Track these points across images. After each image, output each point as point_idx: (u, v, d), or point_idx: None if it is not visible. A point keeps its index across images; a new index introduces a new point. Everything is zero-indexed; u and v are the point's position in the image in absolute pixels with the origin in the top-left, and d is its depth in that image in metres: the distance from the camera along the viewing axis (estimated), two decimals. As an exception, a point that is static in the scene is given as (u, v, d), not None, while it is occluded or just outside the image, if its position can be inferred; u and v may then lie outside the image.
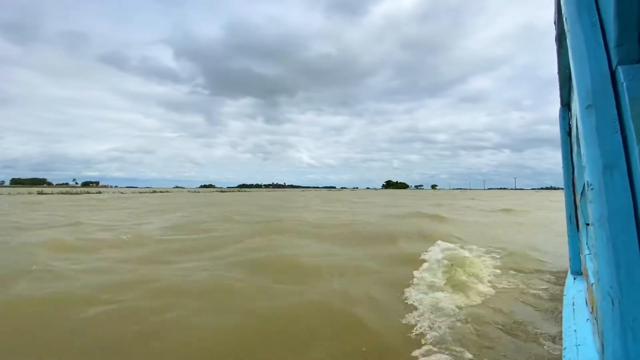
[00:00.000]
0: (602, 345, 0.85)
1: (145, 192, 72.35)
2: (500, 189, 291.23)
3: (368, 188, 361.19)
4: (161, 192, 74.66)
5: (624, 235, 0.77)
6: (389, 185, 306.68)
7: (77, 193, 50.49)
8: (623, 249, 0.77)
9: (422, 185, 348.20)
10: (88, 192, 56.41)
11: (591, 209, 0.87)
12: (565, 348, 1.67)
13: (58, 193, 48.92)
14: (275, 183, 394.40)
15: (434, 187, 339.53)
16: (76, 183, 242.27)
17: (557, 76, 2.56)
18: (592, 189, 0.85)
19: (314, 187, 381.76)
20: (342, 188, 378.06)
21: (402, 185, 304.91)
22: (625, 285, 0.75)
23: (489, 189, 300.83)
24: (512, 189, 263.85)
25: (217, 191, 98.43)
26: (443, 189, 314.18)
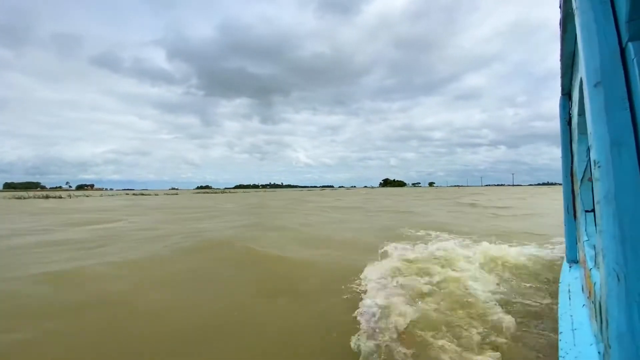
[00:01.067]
0: (606, 322, 0.86)
1: (115, 194, 70.92)
2: (498, 185, 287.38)
3: (366, 187, 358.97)
4: (134, 194, 73.07)
5: (631, 211, 0.77)
6: (386, 183, 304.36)
7: (40, 197, 48.99)
8: (629, 225, 0.76)
9: (419, 183, 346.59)
10: (47, 196, 54.95)
11: (597, 187, 0.86)
12: (561, 332, 1.65)
13: (11, 197, 47.43)
14: (272, 183, 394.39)
15: (431, 184, 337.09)
16: (70, 186, 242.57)
17: (551, 71, 2.23)
18: (599, 167, 0.84)
19: (311, 187, 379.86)
20: (339, 187, 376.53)
21: (400, 184, 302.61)
22: (632, 261, 0.76)
23: (487, 185, 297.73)
24: (509, 185, 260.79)
25: (179, 193, 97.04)
26: (441, 186, 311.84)
